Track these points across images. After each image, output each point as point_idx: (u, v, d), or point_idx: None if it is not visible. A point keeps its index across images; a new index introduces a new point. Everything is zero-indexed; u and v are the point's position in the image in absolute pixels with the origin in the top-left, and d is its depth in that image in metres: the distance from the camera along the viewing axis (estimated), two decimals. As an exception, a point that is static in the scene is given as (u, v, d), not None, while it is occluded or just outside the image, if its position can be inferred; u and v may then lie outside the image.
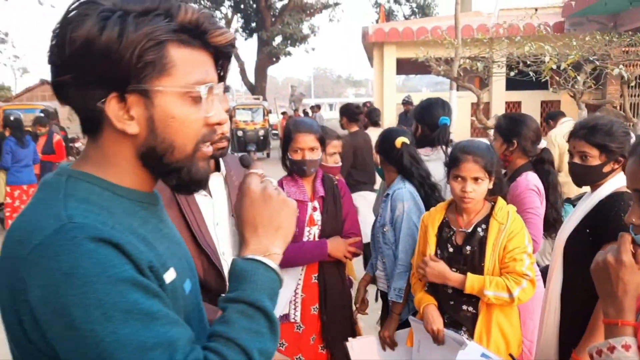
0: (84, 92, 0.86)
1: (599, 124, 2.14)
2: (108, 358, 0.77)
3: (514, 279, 2.15)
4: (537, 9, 14.29)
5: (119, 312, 0.77)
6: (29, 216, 0.85)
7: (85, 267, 0.77)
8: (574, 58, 5.60)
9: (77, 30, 0.82)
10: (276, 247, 0.98)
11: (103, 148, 0.91)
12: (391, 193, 2.66)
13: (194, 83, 0.89)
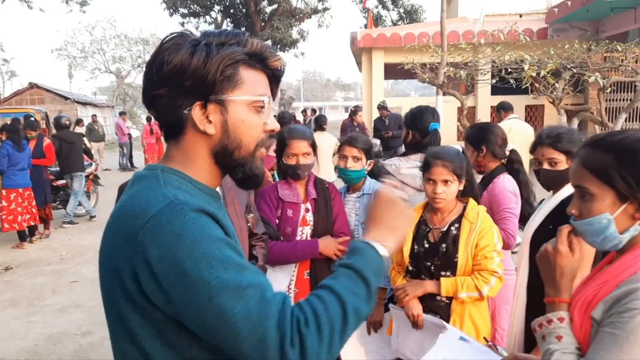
0: (174, 102, 1.11)
1: (562, 133, 2.38)
2: (214, 297, 0.97)
3: (483, 278, 2.39)
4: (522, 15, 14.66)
5: (219, 262, 0.98)
6: (139, 198, 1.07)
7: (191, 230, 0.99)
8: (552, 66, 5.86)
9: (174, 55, 1.08)
10: (389, 242, 1.18)
11: (185, 149, 1.16)
12: (373, 192, 2.92)
13: (257, 95, 1.15)
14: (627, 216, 1.26)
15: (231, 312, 0.96)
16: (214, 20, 26.85)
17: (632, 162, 1.24)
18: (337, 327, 1.02)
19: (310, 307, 1.02)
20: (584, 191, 1.30)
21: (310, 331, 0.99)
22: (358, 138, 3.02)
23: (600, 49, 7.11)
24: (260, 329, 0.97)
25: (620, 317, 1.15)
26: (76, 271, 6.66)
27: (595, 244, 1.32)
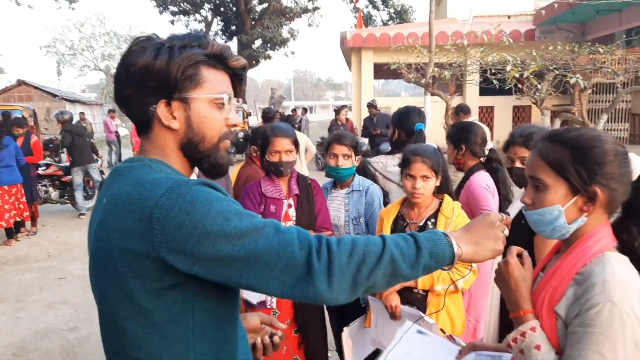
0: (142, 101, 1.22)
1: (533, 132, 2.47)
2: (237, 243, 1.08)
3: (458, 271, 2.48)
4: (510, 17, 14.82)
5: (233, 215, 1.09)
6: (141, 183, 1.14)
7: (201, 196, 1.10)
8: (535, 67, 5.97)
9: (139, 58, 1.19)
10: (465, 247, 1.23)
11: (156, 142, 1.26)
12: (363, 189, 2.99)
13: (218, 93, 1.25)
14: (577, 208, 1.33)
15: (256, 248, 1.08)
16: (204, 19, 26.82)
17: (586, 157, 1.31)
18: (369, 261, 1.11)
19: (352, 237, 1.15)
20: (538, 182, 1.36)
21: (341, 249, 1.11)
22: (346, 135, 3.08)
23: (583, 50, 7.24)
24: (285, 253, 1.08)
25: (588, 314, 1.21)
26: (63, 268, 6.68)
27: (544, 233, 1.39)
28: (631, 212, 1.35)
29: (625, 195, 1.34)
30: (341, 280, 1.09)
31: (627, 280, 1.24)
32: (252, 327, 1.57)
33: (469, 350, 1.70)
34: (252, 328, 1.56)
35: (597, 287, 1.22)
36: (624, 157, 1.33)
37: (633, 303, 1.22)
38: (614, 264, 1.27)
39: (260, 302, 2.84)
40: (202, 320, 1.16)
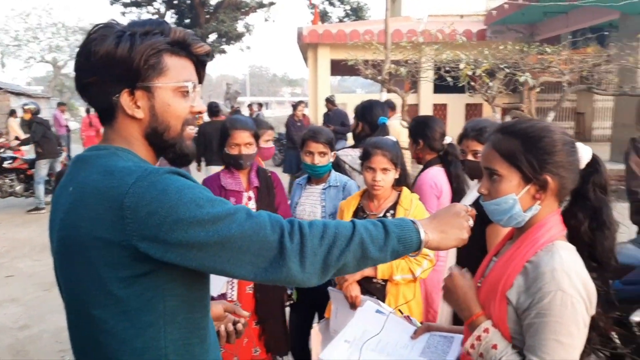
0: (104, 89, 1.20)
1: (485, 127, 2.57)
2: (210, 228, 1.08)
3: (416, 261, 2.55)
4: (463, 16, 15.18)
5: (205, 201, 1.10)
6: (110, 171, 1.14)
7: (173, 184, 1.10)
8: (486, 66, 6.16)
9: (100, 46, 1.16)
10: (432, 234, 1.28)
11: (120, 131, 1.24)
12: (340, 185, 3.02)
13: (182, 81, 1.24)
14: (530, 196, 1.40)
15: (229, 233, 1.09)
16: (157, 11, 26.26)
17: (536, 147, 1.38)
18: (339, 243, 1.15)
19: (323, 221, 1.18)
20: (493, 172, 1.43)
21: (313, 232, 1.14)
22: (322, 132, 3.05)
23: (532, 50, 7.50)
24: (258, 237, 1.11)
25: (542, 304, 1.28)
26: (12, 265, 6.46)
27: (502, 222, 1.45)
28: (578, 198, 1.42)
29: (574, 183, 1.41)
30: (313, 261, 1.13)
31: (574, 268, 1.32)
32: (216, 315, 1.58)
33: (424, 330, 1.77)
34: (215, 316, 1.58)
35: (546, 275, 1.29)
36: (572, 146, 1.41)
37: (580, 288, 1.29)
38: (562, 253, 1.33)
39: (221, 295, 2.84)
40: (173, 307, 1.17)
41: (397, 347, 1.72)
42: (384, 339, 1.75)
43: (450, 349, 1.67)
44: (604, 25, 11.74)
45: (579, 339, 1.30)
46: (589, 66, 6.90)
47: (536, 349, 1.29)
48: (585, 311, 1.31)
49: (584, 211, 1.40)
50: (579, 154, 1.41)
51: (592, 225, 1.39)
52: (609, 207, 1.40)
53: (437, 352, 1.67)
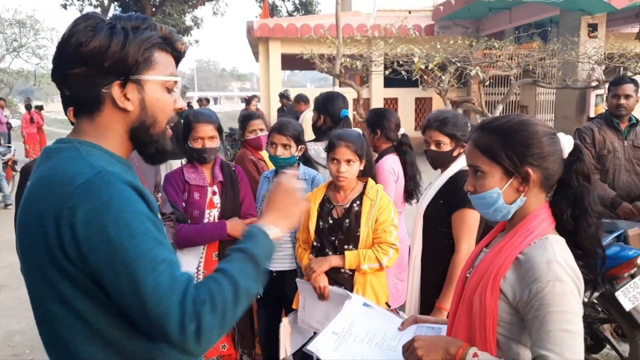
0: (92, 81, 1.18)
1: (448, 117, 2.64)
2: (129, 266, 1.06)
3: (382, 250, 2.60)
4: (411, 12, 15.43)
5: (140, 234, 1.07)
6: (64, 167, 1.12)
7: (118, 200, 1.08)
8: (438, 59, 6.30)
9: (92, 37, 1.15)
10: (281, 228, 1.32)
11: (99, 123, 1.22)
12: (309, 178, 3.02)
13: (169, 75, 1.26)
14: (513, 189, 1.43)
15: (143, 281, 1.05)
16: (100, 3, 25.37)
17: (514, 141, 1.41)
18: (229, 307, 1.13)
19: (207, 288, 1.12)
20: (476, 169, 1.47)
21: (206, 309, 1.09)
22: (288, 125, 3.03)
23: (480, 45, 7.72)
24: (166, 303, 1.06)
25: (541, 295, 1.29)
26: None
27: (488, 215, 1.49)
28: (561, 187, 1.45)
29: (558, 173, 1.44)
30: (209, 338, 1.11)
31: (567, 259, 1.36)
32: None
33: (411, 322, 1.80)
34: None
35: (541, 267, 1.32)
36: (551, 138, 1.44)
37: (574, 277, 1.34)
38: (555, 247, 1.37)
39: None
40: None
41: (386, 338, 1.74)
42: (372, 330, 1.77)
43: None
44: (545, 21, 12.19)
45: (581, 326, 1.32)
46: (535, 60, 7.18)
47: (544, 342, 1.29)
48: (580, 301, 1.34)
49: (566, 199, 1.43)
50: (560, 144, 1.44)
51: (574, 213, 1.41)
52: (590, 195, 1.42)
53: None
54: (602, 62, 7.83)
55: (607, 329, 3.58)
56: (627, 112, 3.98)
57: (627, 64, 7.32)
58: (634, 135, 3.99)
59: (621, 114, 3.96)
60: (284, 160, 2.99)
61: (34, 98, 21.80)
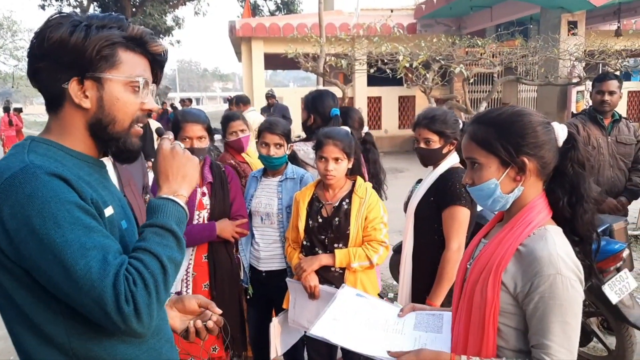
0: (53, 76, 1.20)
1: (437, 115, 2.65)
2: (58, 254, 1.07)
3: (372, 248, 2.61)
4: (393, 10, 15.49)
5: (67, 223, 1.09)
6: (0, 165, 1.15)
7: (43, 192, 1.09)
8: (423, 57, 6.34)
9: (55, 32, 1.18)
10: (183, 190, 1.31)
11: (62, 120, 1.25)
12: (297, 177, 3.00)
13: (134, 76, 1.25)
14: (510, 179, 1.45)
15: (73, 268, 1.07)
16: (79, 4, 25.04)
17: (508, 132, 1.44)
18: (159, 279, 1.15)
19: (133, 268, 1.13)
20: (473, 161, 1.49)
21: (138, 288, 1.11)
22: (278, 124, 3.00)
23: (463, 43, 7.79)
24: (99, 287, 1.07)
25: (543, 287, 1.33)
26: None
27: (487, 206, 1.51)
28: (557, 175, 1.48)
29: (554, 161, 1.46)
30: (149, 314, 1.13)
31: (567, 252, 1.38)
32: (190, 310, 1.56)
33: (410, 309, 1.81)
34: (189, 310, 1.56)
35: (543, 260, 1.34)
36: (545, 127, 1.46)
37: (575, 270, 1.36)
38: (555, 239, 1.39)
39: (176, 293, 2.78)
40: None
41: (389, 323, 1.74)
42: (372, 317, 1.77)
43: (442, 323, 1.72)
44: (526, 19, 12.32)
45: (579, 320, 1.36)
46: (517, 58, 7.25)
47: (544, 333, 1.33)
48: (581, 293, 1.37)
49: (562, 187, 1.45)
50: (555, 133, 1.47)
51: (571, 200, 1.44)
52: (586, 182, 1.45)
53: (431, 326, 1.71)
54: (583, 59, 7.95)
55: (594, 322, 3.63)
56: (611, 108, 4.03)
57: (608, 60, 7.44)
58: (617, 131, 4.05)
59: (605, 110, 4.01)
60: (278, 160, 2.97)
61: (13, 100, 21.44)
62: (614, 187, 4.02)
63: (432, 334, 1.67)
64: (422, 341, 1.63)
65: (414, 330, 1.70)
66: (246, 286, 3.10)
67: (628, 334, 3.28)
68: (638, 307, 3.32)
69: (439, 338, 1.64)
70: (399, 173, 11.51)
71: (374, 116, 15.99)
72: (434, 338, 1.65)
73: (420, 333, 1.68)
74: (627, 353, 3.30)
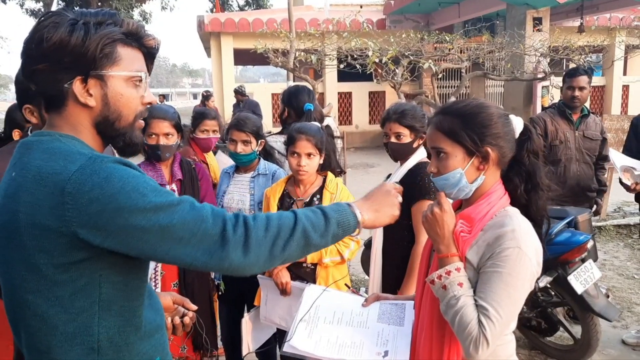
0: (55, 77, 1.19)
1: (406, 109, 2.66)
2: (152, 217, 1.11)
3: (343, 243, 2.60)
4: (362, 6, 15.54)
5: (149, 191, 1.13)
6: (53, 158, 1.15)
7: (117, 173, 1.12)
8: (392, 53, 6.37)
9: (53, 33, 1.16)
10: (367, 214, 1.36)
11: (68, 118, 1.24)
12: (270, 173, 2.98)
13: (134, 71, 1.26)
14: (474, 168, 1.52)
15: (170, 223, 1.12)
16: (42, -1, 24.38)
17: (474, 123, 1.50)
18: (283, 234, 1.21)
19: (266, 214, 1.23)
20: (439, 151, 1.54)
21: (257, 224, 1.19)
22: (246, 122, 2.97)
23: (431, 39, 7.86)
24: (199, 229, 1.14)
25: (499, 257, 1.40)
26: None
27: (451, 195, 1.56)
28: (514, 165, 1.55)
29: (512, 151, 1.54)
30: (258, 252, 1.19)
31: (529, 231, 1.46)
32: (164, 307, 1.54)
33: (374, 299, 1.85)
34: (164, 307, 1.54)
35: (508, 234, 1.42)
36: (506, 119, 1.55)
37: (532, 250, 1.44)
38: (518, 217, 1.48)
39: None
40: (109, 294, 1.19)
41: (353, 315, 1.77)
42: (338, 311, 1.79)
43: (404, 314, 1.75)
44: (493, 15, 12.52)
45: (524, 295, 1.43)
46: (484, 53, 7.35)
47: (487, 295, 1.41)
48: (535, 273, 1.45)
49: (519, 175, 1.54)
50: (513, 125, 1.55)
51: (527, 187, 1.53)
52: (541, 170, 1.54)
53: (393, 317, 1.75)
54: (548, 54, 8.10)
55: (560, 312, 3.71)
56: (581, 104, 4.12)
57: (572, 56, 7.60)
58: (584, 125, 4.14)
59: (575, 105, 4.09)
60: (245, 157, 2.95)
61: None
62: (579, 181, 4.11)
63: (395, 327, 1.71)
64: (385, 335, 1.68)
65: (377, 322, 1.73)
66: (218, 282, 3.08)
67: (593, 322, 3.37)
68: (602, 296, 3.41)
69: (401, 331, 1.69)
70: (369, 168, 11.57)
71: (345, 112, 16.03)
72: (396, 331, 1.69)
73: (383, 326, 1.72)
74: (593, 341, 3.39)
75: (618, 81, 16.00)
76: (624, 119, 8.84)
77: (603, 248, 5.89)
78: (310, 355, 1.64)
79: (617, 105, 16.07)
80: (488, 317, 1.38)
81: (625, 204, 7.44)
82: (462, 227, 1.51)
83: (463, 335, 1.41)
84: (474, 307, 1.41)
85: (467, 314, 1.40)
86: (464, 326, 1.40)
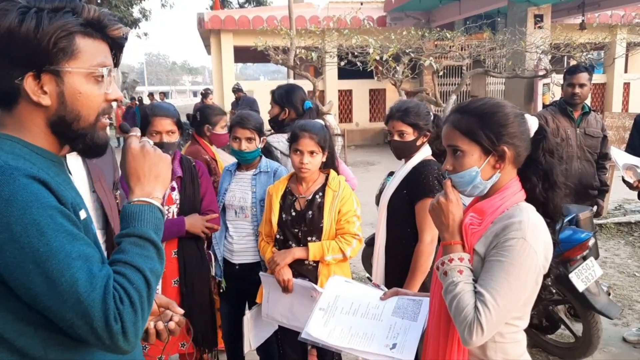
0: (4, 71, 1.07)
1: (410, 107, 2.65)
2: (42, 264, 0.98)
3: (346, 240, 2.61)
4: (363, 3, 15.51)
5: (50, 230, 0.99)
6: None
7: (22, 196, 0.99)
8: (393, 50, 6.35)
9: (1, 22, 1.03)
10: (157, 192, 1.22)
11: (19, 117, 1.12)
12: (271, 171, 2.97)
13: (96, 65, 1.13)
14: (490, 167, 1.54)
15: (59, 280, 0.98)
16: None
17: (491, 122, 1.52)
18: (144, 294, 1.08)
19: (119, 284, 1.06)
20: (455, 149, 1.55)
21: (125, 306, 1.04)
22: (249, 118, 2.95)
23: (432, 36, 7.84)
24: (87, 300, 1.00)
25: (503, 247, 1.42)
26: None
27: (466, 192, 1.58)
28: (531, 163, 1.57)
29: (527, 150, 1.56)
30: (135, 332, 1.07)
31: (538, 224, 1.47)
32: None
33: (393, 294, 1.89)
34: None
35: (514, 225, 1.43)
36: (522, 118, 1.57)
37: (539, 244, 1.45)
38: (529, 211, 1.50)
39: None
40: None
41: (369, 307, 1.82)
42: (356, 302, 1.85)
43: (420, 310, 1.78)
44: (493, 12, 12.49)
45: (526, 288, 1.44)
46: (485, 51, 7.34)
47: (486, 282, 1.42)
48: (540, 268, 1.46)
49: (536, 174, 1.55)
50: (528, 124, 1.57)
51: (544, 186, 1.55)
52: (557, 169, 1.56)
53: (408, 313, 1.78)
54: (549, 51, 8.09)
55: (561, 309, 3.71)
56: (582, 101, 4.11)
57: (573, 53, 7.59)
58: (585, 123, 4.13)
59: (576, 102, 4.08)
60: (249, 154, 2.93)
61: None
62: (581, 179, 4.10)
63: (407, 322, 1.74)
64: (396, 329, 1.71)
65: (391, 316, 1.77)
66: (220, 279, 3.07)
67: (594, 320, 3.37)
68: (603, 294, 3.41)
69: (413, 326, 1.72)
70: (370, 166, 11.57)
71: (345, 109, 16.01)
72: (408, 326, 1.72)
73: (396, 319, 1.75)
74: (594, 339, 3.39)
75: (619, 79, 15.99)
76: (625, 117, 8.84)
77: (604, 246, 5.88)
78: (323, 342, 1.70)
79: (618, 102, 16.06)
80: (484, 303, 1.39)
81: (627, 202, 7.44)
82: (472, 220, 1.53)
83: (459, 320, 1.43)
84: (472, 294, 1.43)
85: (464, 299, 1.42)
86: (459, 310, 1.42)
